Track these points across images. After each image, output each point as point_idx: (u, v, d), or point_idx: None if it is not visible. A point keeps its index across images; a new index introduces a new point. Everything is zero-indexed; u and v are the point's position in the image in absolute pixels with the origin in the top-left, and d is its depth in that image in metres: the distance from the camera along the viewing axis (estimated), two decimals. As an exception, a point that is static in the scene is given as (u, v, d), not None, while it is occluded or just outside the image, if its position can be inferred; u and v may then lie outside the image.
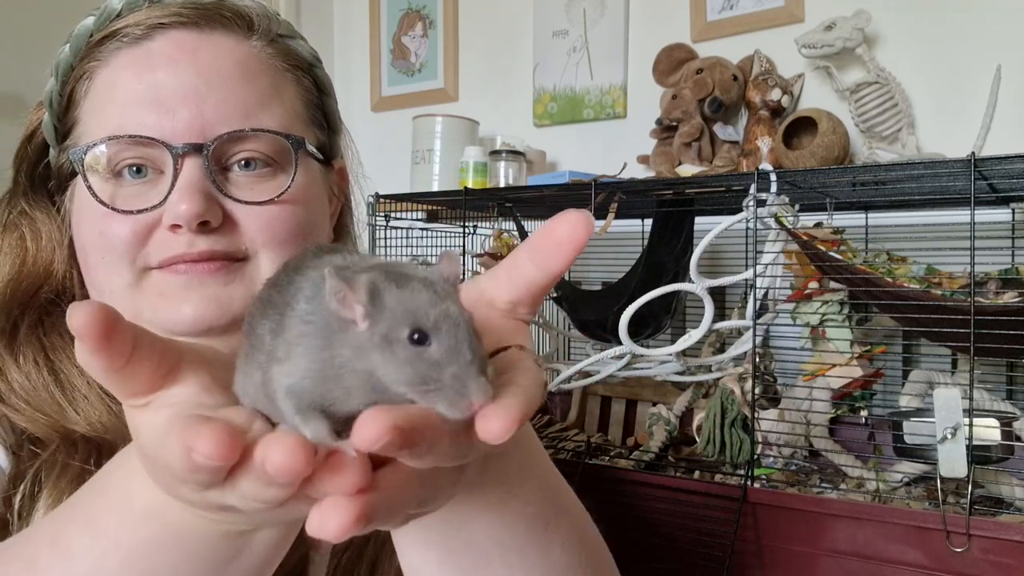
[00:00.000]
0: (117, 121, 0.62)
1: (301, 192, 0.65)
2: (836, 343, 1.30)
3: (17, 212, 0.69)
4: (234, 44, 0.64)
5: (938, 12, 1.69)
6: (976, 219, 1.10)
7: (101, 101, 0.64)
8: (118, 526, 0.40)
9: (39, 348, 0.64)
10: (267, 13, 0.68)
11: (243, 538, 0.41)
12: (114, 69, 0.63)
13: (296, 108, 0.67)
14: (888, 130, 1.66)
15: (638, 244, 1.74)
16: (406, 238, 1.76)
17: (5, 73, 1.85)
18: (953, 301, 1.13)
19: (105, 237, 0.62)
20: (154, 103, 0.61)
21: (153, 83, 0.62)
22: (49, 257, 0.67)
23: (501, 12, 2.34)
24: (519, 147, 1.97)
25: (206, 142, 0.61)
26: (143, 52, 0.63)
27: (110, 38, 0.64)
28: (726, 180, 1.42)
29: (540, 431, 1.61)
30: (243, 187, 0.63)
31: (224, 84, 0.62)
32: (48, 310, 0.66)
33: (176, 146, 0.60)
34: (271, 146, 0.64)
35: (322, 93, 0.72)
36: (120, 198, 0.62)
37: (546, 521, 0.53)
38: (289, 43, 0.69)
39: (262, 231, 0.62)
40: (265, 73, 0.65)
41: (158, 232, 0.61)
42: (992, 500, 1.20)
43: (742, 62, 1.84)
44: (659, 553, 1.22)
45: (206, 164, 0.61)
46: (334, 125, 0.73)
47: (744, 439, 1.29)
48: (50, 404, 0.61)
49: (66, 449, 0.59)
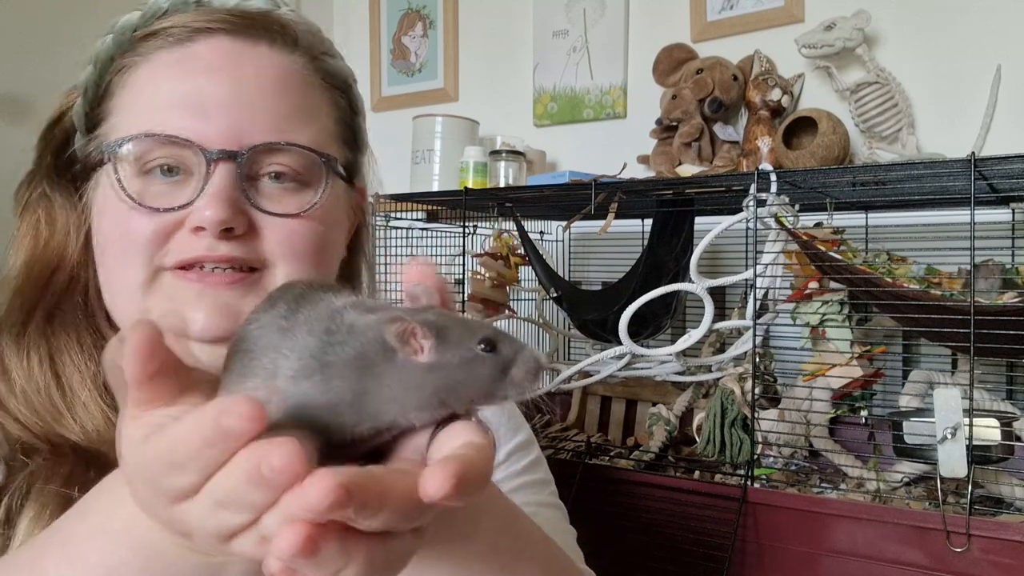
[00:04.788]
0: (153, 119, 0.62)
1: (325, 209, 0.65)
2: (836, 343, 1.30)
3: (37, 194, 0.68)
4: (277, 57, 0.65)
5: (938, 12, 1.70)
6: (976, 219, 1.10)
7: (138, 97, 0.64)
8: (93, 550, 0.41)
9: (45, 347, 0.63)
10: (312, 30, 0.69)
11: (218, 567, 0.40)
12: (155, 67, 0.64)
13: (329, 126, 0.68)
14: (888, 130, 1.66)
15: (638, 244, 1.75)
16: (406, 238, 1.76)
17: (5, 73, 1.85)
18: (953, 301, 1.13)
19: (127, 232, 0.62)
20: (192, 107, 0.61)
21: (194, 87, 0.62)
22: (63, 244, 0.67)
23: (501, 12, 2.34)
24: (519, 147, 1.97)
25: (240, 150, 0.61)
26: (186, 54, 0.63)
27: (154, 36, 0.64)
28: (726, 180, 1.42)
29: (540, 431, 1.61)
30: (271, 198, 0.63)
31: (263, 97, 0.63)
32: (59, 302, 0.66)
33: (210, 150, 0.61)
34: (302, 161, 0.64)
35: (354, 113, 0.73)
36: (147, 195, 0.62)
37: (501, 565, 0.52)
38: (329, 62, 0.70)
39: (283, 243, 0.63)
40: (304, 89, 0.66)
41: (180, 233, 0.61)
42: (992, 500, 1.20)
43: (742, 62, 1.84)
44: (659, 553, 1.22)
45: (238, 172, 0.61)
46: (361, 144, 0.74)
47: (744, 439, 1.29)
48: (47, 408, 0.61)
49: (54, 458, 0.59)
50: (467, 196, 1.62)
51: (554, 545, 0.61)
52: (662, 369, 1.52)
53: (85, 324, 0.65)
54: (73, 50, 0.71)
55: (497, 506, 0.54)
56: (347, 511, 0.31)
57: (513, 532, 0.55)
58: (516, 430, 0.81)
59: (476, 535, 0.50)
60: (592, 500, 1.27)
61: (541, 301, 1.77)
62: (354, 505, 0.31)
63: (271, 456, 0.31)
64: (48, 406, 0.61)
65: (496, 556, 0.52)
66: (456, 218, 1.70)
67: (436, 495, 0.32)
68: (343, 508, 0.31)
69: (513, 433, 0.80)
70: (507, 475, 0.77)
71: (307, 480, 0.31)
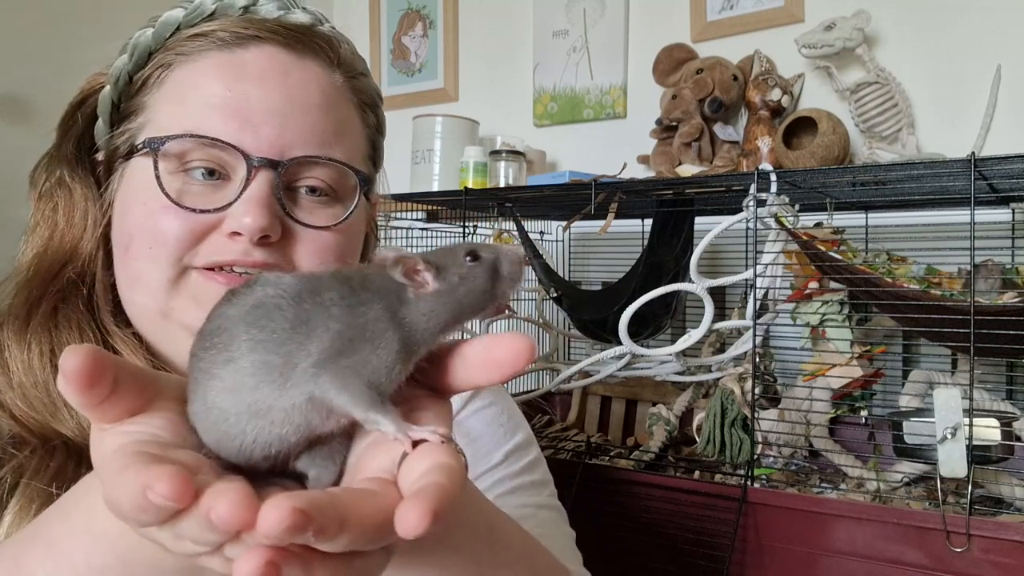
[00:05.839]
0: (197, 120, 0.62)
1: (353, 223, 0.68)
2: (836, 343, 1.30)
3: (55, 180, 0.68)
4: (321, 73, 0.67)
5: (938, 12, 1.70)
6: (976, 219, 1.10)
7: (179, 95, 0.64)
8: (77, 550, 0.41)
9: (47, 341, 0.63)
10: (353, 50, 0.71)
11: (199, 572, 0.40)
12: (200, 68, 0.64)
13: (360, 144, 0.70)
14: (888, 130, 1.66)
15: (638, 244, 1.75)
16: (406, 238, 1.76)
17: (5, 73, 1.85)
18: (953, 301, 1.13)
19: (157, 229, 0.62)
20: (239, 114, 0.62)
21: (242, 94, 0.63)
22: (78, 235, 0.67)
23: (501, 12, 2.34)
24: (519, 147, 1.97)
25: (282, 160, 0.62)
26: (235, 60, 0.64)
27: (202, 36, 0.65)
28: (726, 180, 1.42)
29: (540, 431, 1.61)
30: (306, 210, 0.65)
31: (307, 111, 0.64)
32: (65, 295, 0.65)
33: (253, 157, 0.62)
34: (337, 177, 0.66)
35: (379, 132, 0.75)
36: (185, 195, 0.62)
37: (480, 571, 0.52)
38: (364, 81, 0.72)
39: (315, 253, 0.64)
40: (342, 106, 0.68)
41: (214, 235, 0.62)
42: (992, 500, 1.20)
43: (742, 62, 1.84)
44: (659, 553, 1.22)
45: (277, 181, 0.62)
46: (379, 161, 0.76)
47: (744, 439, 1.29)
48: (44, 401, 0.61)
49: (43, 452, 0.59)
50: (467, 196, 1.62)
51: (539, 550, 0.60)
52: (662, 369, 1.52)
53: (88, 319, 0.65)
54: (73, 50, 0.71)
55: (474, 512, 0.53)
56: (306, 534, 0.31)
57: (492, 539, 0.54)
58: (515, 430, 0.81)
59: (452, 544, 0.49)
60: (592, 500, 1.27)
61: (541, 301, 1.77)
62: (313, 528, 0.31)
63: (218, 505, 0.31)
64: (45, 400, 0.61)
65: (475, 564, 0.51)
66: (456, 218, 1.70)
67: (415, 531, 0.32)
68: (301, 532, 0.31)
69: (512, 433, 0.80)
70: (505, 476, 0.77)
71: (263, 507, 0.31)
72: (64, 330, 0.64)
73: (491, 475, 0.76)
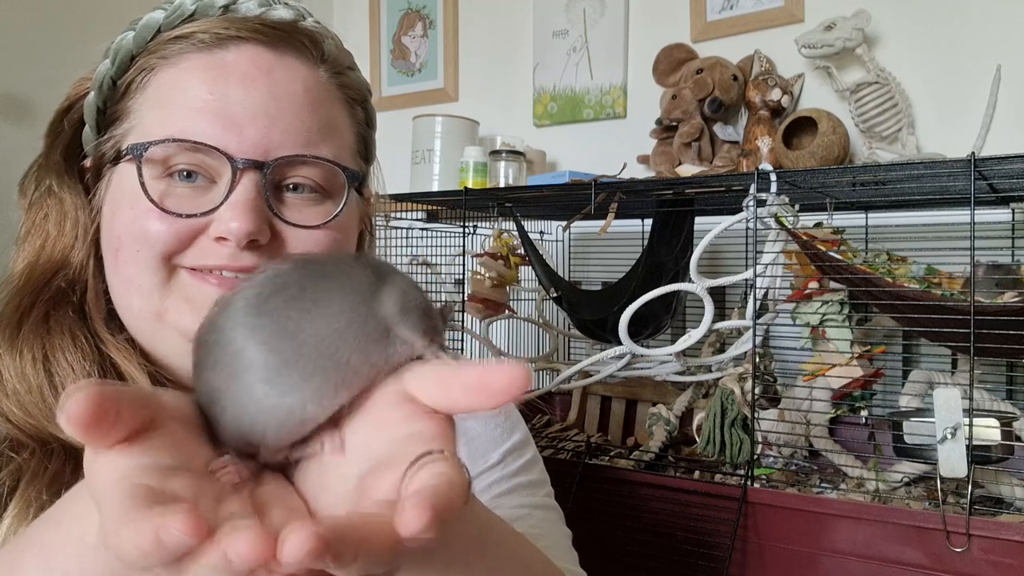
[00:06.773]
0: (181, 124, 0.61)
1: (344, 220, 0.67)
2: (836, 343, 1.30)
3: (44, 189, 0.67)
4: (305, 70, 0.65)
5: (938, 12, 1.70)
6: (976, 219, 1.10)
7: (162, 99, 0.63)
8: (69, 559, 0.41)
9: (40, 347, 0.63)
10: (338, 44, 0.69)
11: None
12: (182, 71, 0.63)
13: (349, 140, 0.69)
14: (888, 130, 1.66)
15: (638, 244, 1.75)
16: (406, 238, 1.76)
17: (5, 73, 1.85)
18: (953, 301, 1.13)
19: (144, 234, 0.61)
20: (223, 116, 0.61)
21: (225, 96, 0.62)
22: (69, 244, 0.66)
23: (501, 12, 2.34)
24: (519, 147, 1.97)
25: (267, 161, 0.61)
26: (216, 61, 0.63)
27: (183, 39, 0.64)
28: (726, 180, 1.42)
29: (540, 431, 1.61)
30: (294, 209, 0.64)
31: (292, 110, 0.63)
32: (57, 303, 0.65)
33: (238, 159, 0.61)
34: (324, 175, 0.65)
35: (369, 126, 0.74)
36: (169, 199, 0.62)
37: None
38: (351, 75, 0.70)
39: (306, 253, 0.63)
40: (329, 103, 0.67)
41: (202, 239, 0.61)
42: (992, 500, 1.20)
43: (742, 62, 1.84)
44: (659, 553, 1.22)
45: (263, 182, 0.61)
46: (371, 156, 0.75)
47: (744, 439, 1.29)
48: (39, 407, 0.60)
49: (42, 456, 0.59)
50: (467, 196, 1.62)
51: (534, 553, 0.60)
52: (662, 369, 1.52)
53: (81, 325, 0.64)
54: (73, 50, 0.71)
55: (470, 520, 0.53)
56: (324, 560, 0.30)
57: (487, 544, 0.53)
58: (512, 430, 0.80)
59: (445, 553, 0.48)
60: (592, 500, 1.27)
61: (541, 301, 1.77)
62: (331, 554, 0.30)
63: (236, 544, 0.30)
64: (40, 405, 0.60)
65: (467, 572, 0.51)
66: (456, 218, 1.70)
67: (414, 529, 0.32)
68: (321, 558, 0.30)
69: (509, 433, 0.80)
70: (502, 476, 0.77)
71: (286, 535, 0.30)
72: (56, 336, 0.63)
73: (488, 475, 0.76)
